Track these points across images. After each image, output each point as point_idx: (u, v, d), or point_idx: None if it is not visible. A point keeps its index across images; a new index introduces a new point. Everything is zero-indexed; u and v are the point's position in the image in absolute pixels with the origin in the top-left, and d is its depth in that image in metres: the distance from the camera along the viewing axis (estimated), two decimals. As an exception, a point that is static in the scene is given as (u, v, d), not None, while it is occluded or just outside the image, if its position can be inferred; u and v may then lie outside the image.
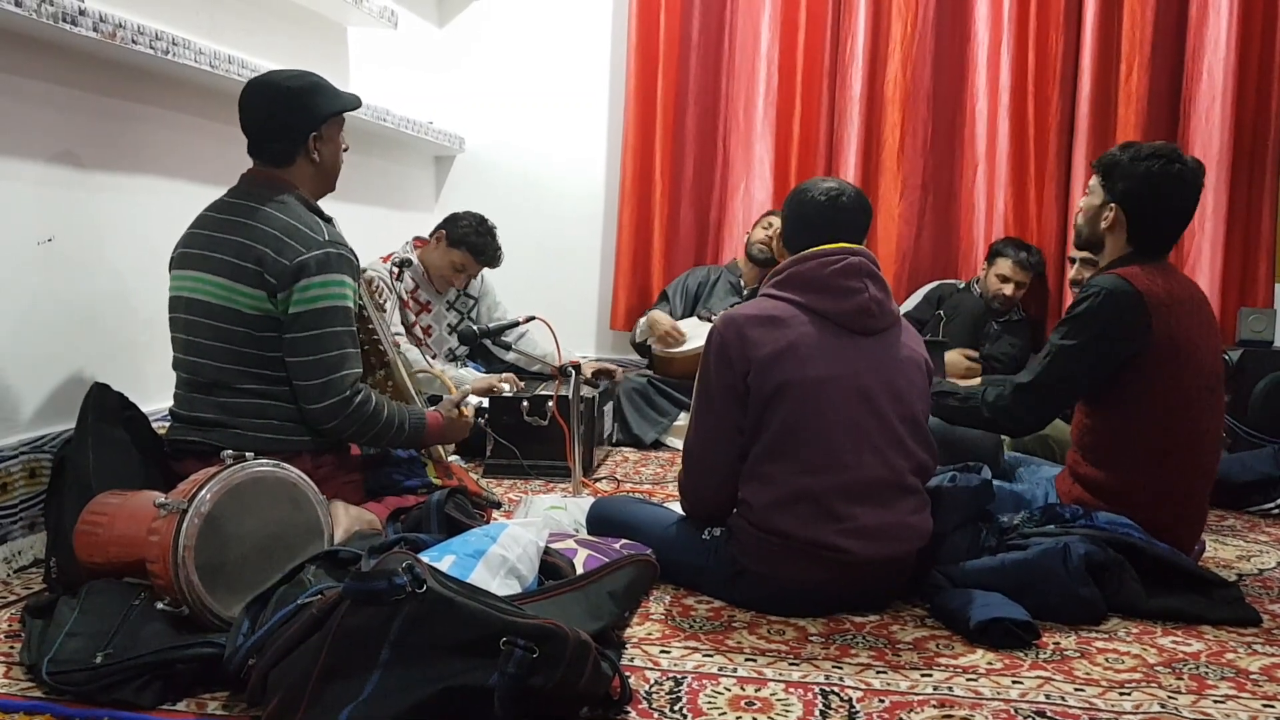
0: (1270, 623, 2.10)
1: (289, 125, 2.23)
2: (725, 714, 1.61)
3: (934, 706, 1.65)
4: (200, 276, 2.18)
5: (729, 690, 1.69)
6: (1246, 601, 2.15)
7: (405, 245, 3.78)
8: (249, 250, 2.15)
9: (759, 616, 2.04)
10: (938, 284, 4.23)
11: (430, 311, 3.78)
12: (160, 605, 1.74)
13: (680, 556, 2.19)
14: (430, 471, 2.55)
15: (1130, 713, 1.65)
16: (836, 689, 1.71)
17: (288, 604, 1.61)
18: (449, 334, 3.83)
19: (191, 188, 2.76)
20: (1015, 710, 1.64)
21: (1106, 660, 1.87)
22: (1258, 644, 1.98)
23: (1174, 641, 1.98)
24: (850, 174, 4.23)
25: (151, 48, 2.42)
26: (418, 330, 3.73)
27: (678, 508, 2.33)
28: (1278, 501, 3.04)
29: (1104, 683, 1.76)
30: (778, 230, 2.29)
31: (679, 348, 3.94)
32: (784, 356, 2.03)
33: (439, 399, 2.61)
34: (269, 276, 2.13)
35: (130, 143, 2.63)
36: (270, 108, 2.22)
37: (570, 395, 2.90)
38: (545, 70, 4.60)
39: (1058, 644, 1.94)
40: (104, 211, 2.53)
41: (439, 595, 1.48)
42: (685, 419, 3.72)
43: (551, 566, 1.99)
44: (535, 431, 3.20)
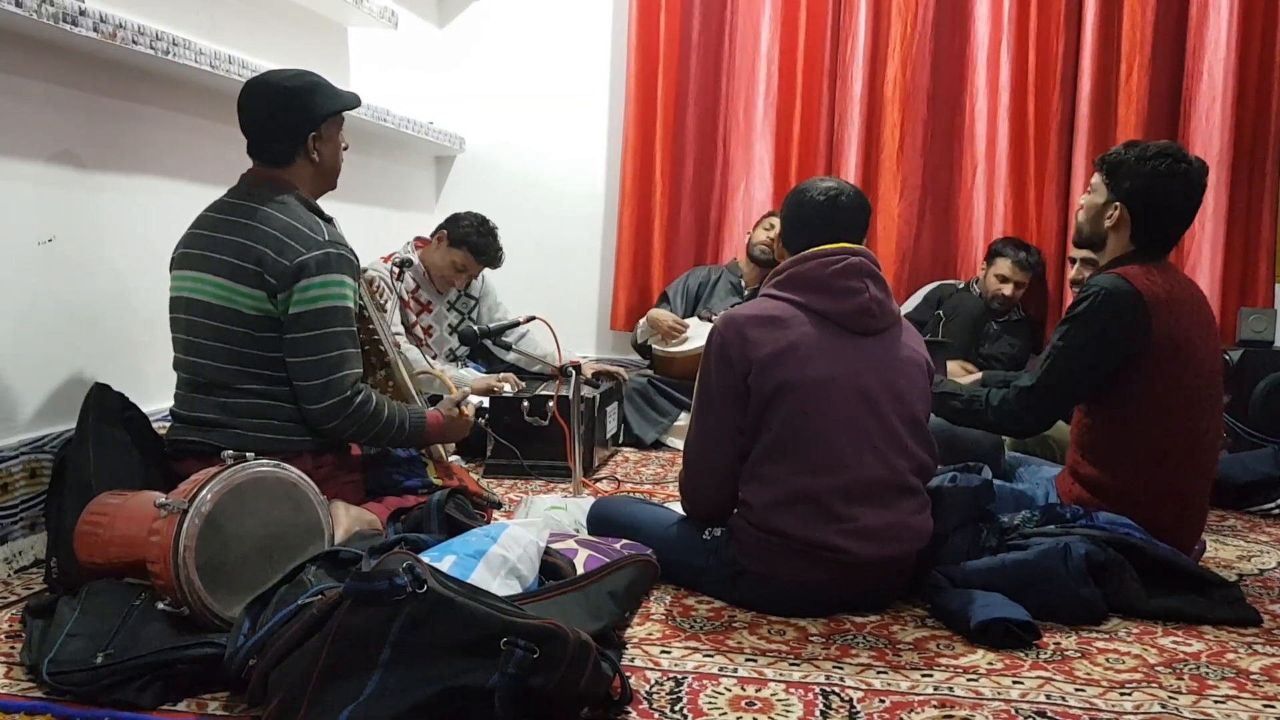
0: (1270, 623, 2.10)
1: (288, 125, 2.23)
2: (725, 714, 1.61)
3: (934, 707, 1.65)
4: (200, 277, 2.18)
5: (729, 690, 1.69)
6: (1247, 602, 2.15)
7: (406, 245, 3.78)
8: (249, 251, 2.15)
9: (759, 617, 2.04)
10: (937, 285, 4.22)
11: (431, 312, 3.78)
12: (161, 605, 1.74)
13: (681, 557, 2.19)
14: (431, 471, 2.55)
15: (1131, 713, 1.65)
16: (837, 689, 1.71)
17: (288, 604, 1.61)
18: (450, 334, 3.83)
19: (191, 188, 2.76)
20: (1016, 710, 1.64)
21: (1107, 660, 1.87)
22: (1258, 644, 1.98)
23: (1174, 642, 1.98)
24: (850, 174, 4.22)
25: (152, 48, 2.42)
26: (418, 330, 3.73)
27: (678, 508, 2.33)
28: (1278, 501, 3.04)
29: (1104, 683, 1.76)
30: (780, 231, 2.29)
31: (680, 346, 3.93)
32: (784, 357, 2.03)
33: (439, 399, 2.61)
34: (269, 277, 2.13)
35: (130, 143, 2.63)
36: (269, 108, 2.22)
37: (571, 395, 2.90)
38: (545, 70, 4.60)
39: (1058, 644, 1.94)
40: (104, 211, 2.53)
41: (439, 595, 1.48)
42: (686, 419, 3.73)
43: (552, 567, 1.99)
44: (536, 431, 3.21)
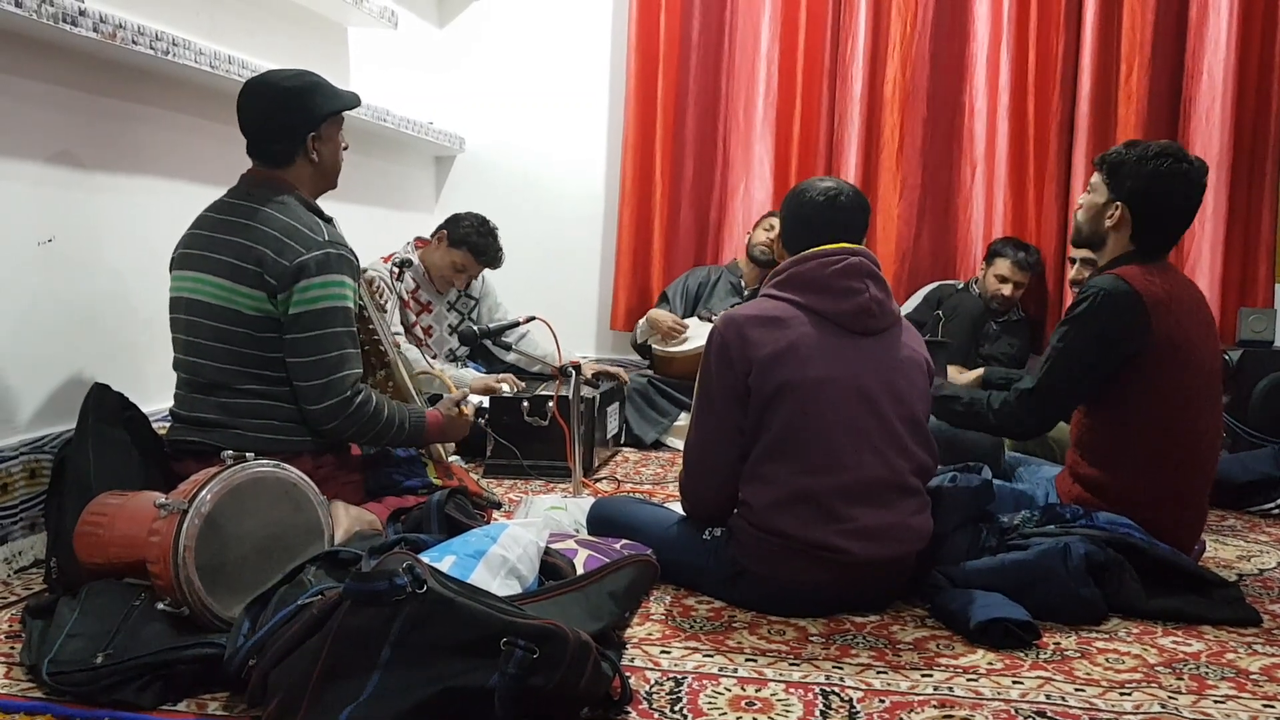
0: (1270, 623, 2.10)
1: (287, 126, 2.23)
2: (725, 714, 1.61)
3: (934, 707, 1.65)
4: (200, 277, 2.18)
5: (729, 690, 1.69)
6: (1246, 602, 2.15)
7: (406, 245, 3.78)
8: (249, 251, 2.15)
9: (759, 617, 2.04)
10: (937, 285, 4.22)
11: (431, 312, 3.78)
12: (161, 606, 1.73)
13: (681, 557, 2.19)
14: (430, 472, 2.55)
15: (1130, 713, 1.65)
16: (837, 689, 1.71)
17: (288, 604, 1.61)
18: (449, 334, 3.83)
19: (191, 188, 2.76)
20: (1016, 710, 1.64)
21: (1107, 660, 1.87)
22: (1258, 644, 1.98)
23: (1174, 642, 1.98)
24: (850, 174, 4.22)
25: (151, 48, 2.43)
26: (418, 330, 3.73)
27: (678, 508, 2.33)
28: (1278, 501, 3.04)
29: (1104, 683, 1.76)
30: (780, 232, 2.30)
31: (680, 346, 3.93)
32: (784, 357, 2.03)
33: (439, 398, 2.61)
34: (269, 277, 2.13)
35: (130, 143, 2.63)
36: (268, 108, 2.22)
37: (570, 395, 2.90)
38: (545, 70, 4.60)
39: (1058, 644, 1.94)
40: (104, 212, 2.53)
41: (439, 596, 1.48)
42: (686, 419, 3.73)
43: (552, 567, 1.99)
44: (536, 432, 3.21)
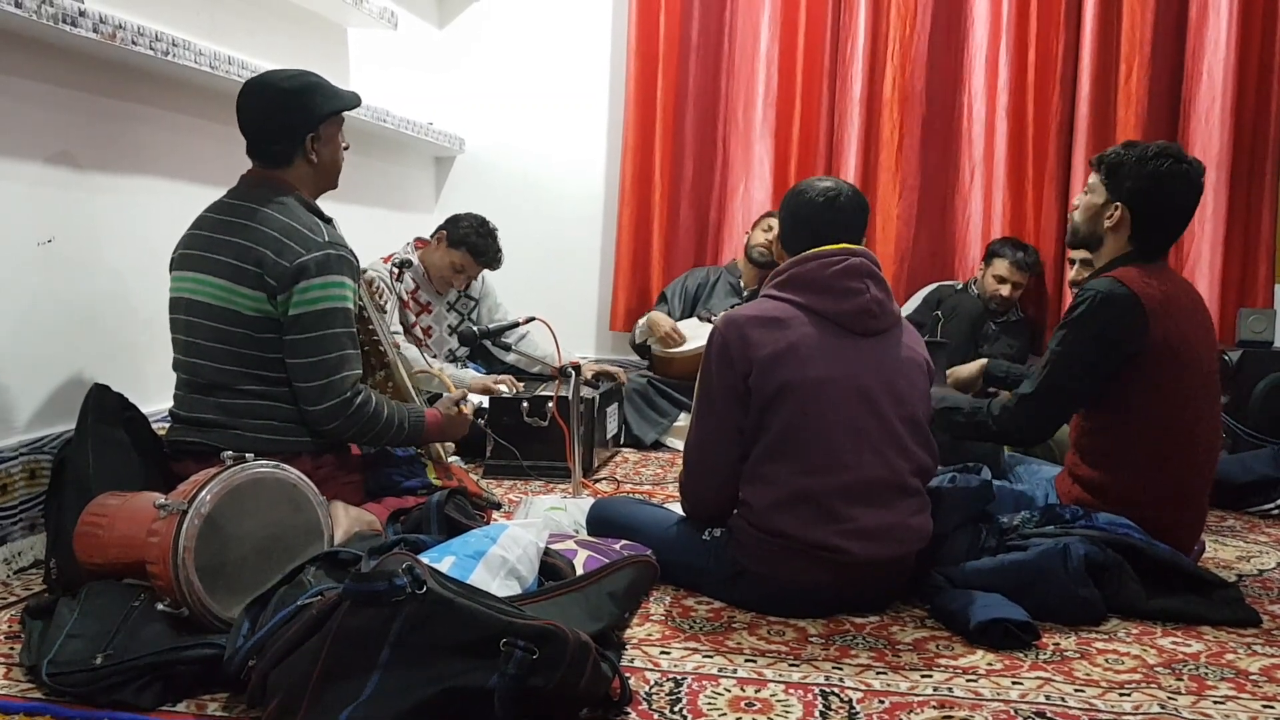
0: (1270, 623, 2.10)
1: (286, 126, 2.23)
2: (725, 715, 1.61)
3: (934, 707, 1.65)
4: (200, 278, 2.18)
5: (729, 691, 1.69)
6: (1246, 602, 2.15)
7: (406, 246, 3.78)
8: (249, 252, 2.15)
9: (759, 617, 2.04)
10: (936, 286, 4.22)
11: (430, 312, 3.78)
12: (160, 606, 1.73)
13: (680, 557, 2.19)
14: (430, 472, 2.55)
15: (1130, 713, 1.65)
16: (836, 690, 1.71)
17: (288, 605, 1.61)
18: (449, 335, 3.83)
19: (191, 188, 2.76)
20: (1015, 711, 1.64)
21: (1106, 661, 1.87)
22: (1258, 645, 1.98)
23: (1174, 642, 1.98)
24: (849, 174, 4.22)
25: (151, 49, 2.42)
26: (417, 331, 3.73)
27: (678, 508, 2.33)
28: (1278, 502, 3.04)
29: (1104, 683, 1.76)
30: (779, 232, 2.30)
31: (680, 346, 3.94)
32: (785, 357, 2.03)
33: (438, 397, 2.61)
34: (269, 278, 2.13)
35: (130, 144, 2.63)
36: (267, 109, 2.22)
37: (570, 396, 2.90)
38: (545, 71, 4.60)
39: (1058, 645, 1.94)
40: (104, 212, 2.53)
41: (439, 596, 1.48)
42: (685, 420, 3.73)
43: (551, 567, 1.99)
44: (535, 432, 3.20)
